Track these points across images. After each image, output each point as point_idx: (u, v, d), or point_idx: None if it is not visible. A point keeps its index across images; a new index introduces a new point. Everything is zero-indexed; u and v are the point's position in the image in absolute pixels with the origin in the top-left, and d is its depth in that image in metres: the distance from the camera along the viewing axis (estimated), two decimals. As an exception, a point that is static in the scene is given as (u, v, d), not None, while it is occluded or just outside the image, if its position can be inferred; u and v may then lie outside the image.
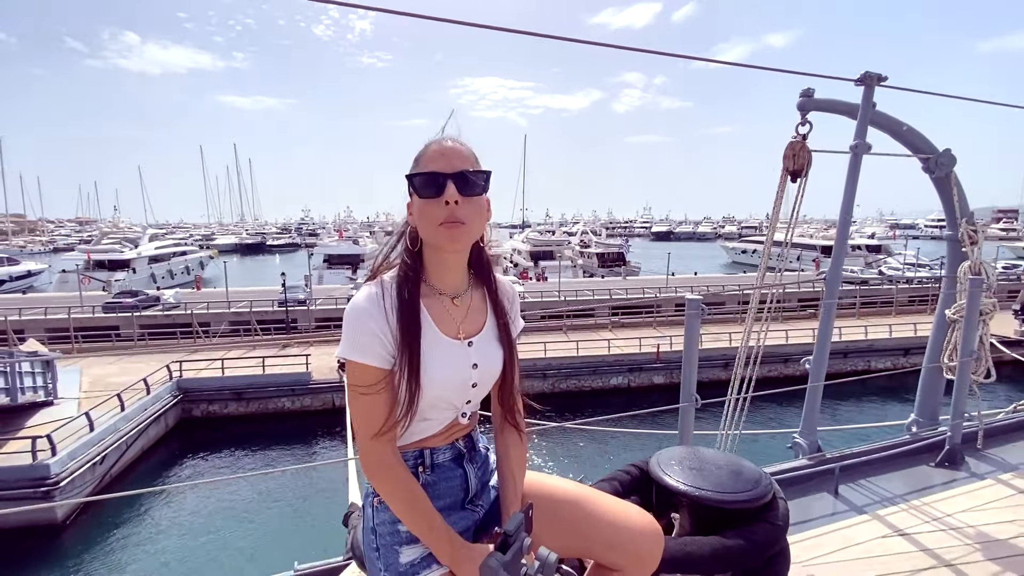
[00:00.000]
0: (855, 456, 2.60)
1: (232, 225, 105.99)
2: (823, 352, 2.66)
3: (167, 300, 25.13)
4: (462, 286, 1.04)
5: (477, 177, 0.95)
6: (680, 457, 1.46)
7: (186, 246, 45.70)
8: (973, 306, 2.63)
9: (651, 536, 1.04)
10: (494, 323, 1.06)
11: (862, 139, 2.62)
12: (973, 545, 2.03)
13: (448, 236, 0.94)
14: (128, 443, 12.39)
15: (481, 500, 1.07)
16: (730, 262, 53.78)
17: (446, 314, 1.00)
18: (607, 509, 1.06)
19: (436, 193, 0.93)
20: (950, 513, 2.25)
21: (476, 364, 1.01)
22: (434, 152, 0.95)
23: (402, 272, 0.99)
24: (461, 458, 1.06)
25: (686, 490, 1.31)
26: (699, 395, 1.97)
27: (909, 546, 2.01)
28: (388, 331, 0.93)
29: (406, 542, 0.97)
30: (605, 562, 1.04)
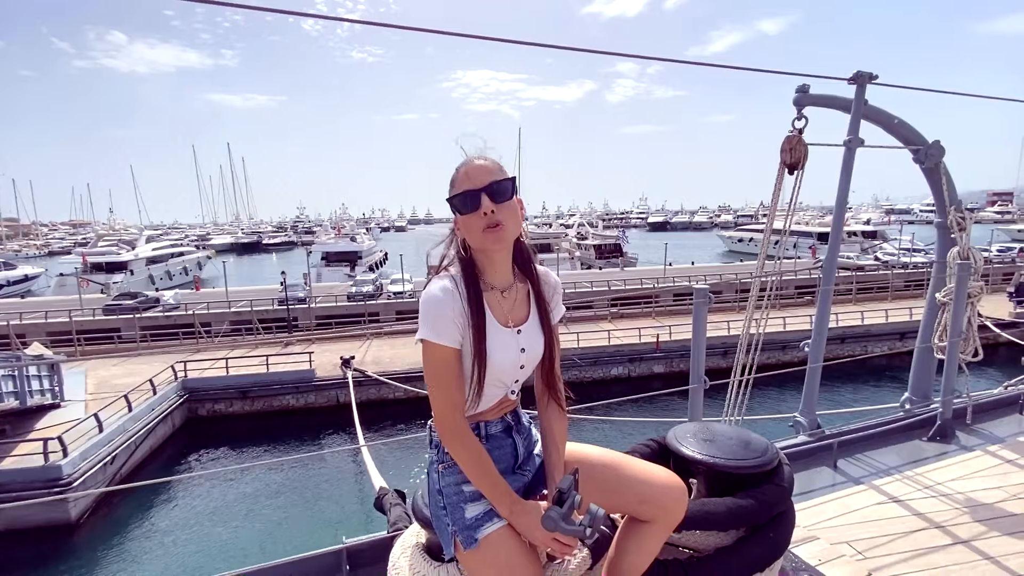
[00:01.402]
0: (852, 432, 2.77)
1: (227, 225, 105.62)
2: (821, 335, 2.82)
3: (167, 301, 25.20)
4: (509, 280, 1.19)
5: (504, 185, 1.11)
6: (694, 431, 1.62)
7: (183, 247, 45.62)
8: (961, 289, 2.79)
9: (677, 491, 1.20)
10: (537, 313, 1.21)
11: (855, 134, 2.77)
12: (962, 509, 2.20)
13: (492, 239, 1.10)
14: (137, 443, 12.54)
15: (528, 466, 1.23)
16: (727, 251, 54.01)
17: (497, 305, 1.16)
18: (638, 469, 1.22)
19: (474, 207, 1.09)
20: (941, 481, 2.43)
21: (524, 349, 1.16)
22: (464, 174, 1.12)
23: (465, 269, 1.14)
24: (510, 429, 1.22)
25: (702, 459, 1.47)
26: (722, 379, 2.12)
27: (902, 511, 2.18)
28: (461, 317, 1.09)
29: (470, 500, 1.12)
30: (638, 516, 1.19)
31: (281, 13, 1.72)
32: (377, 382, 15.62)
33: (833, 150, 3.10)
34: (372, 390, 15.88)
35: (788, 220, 3.25)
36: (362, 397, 14.82)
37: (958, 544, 1.96)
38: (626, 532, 1.22)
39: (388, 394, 15.90)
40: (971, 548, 1.93)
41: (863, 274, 28.65)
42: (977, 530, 2.05)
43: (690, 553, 1.42)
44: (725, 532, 1.41)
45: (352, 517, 10.68)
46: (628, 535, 1.21)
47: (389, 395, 15.91)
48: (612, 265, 36.32)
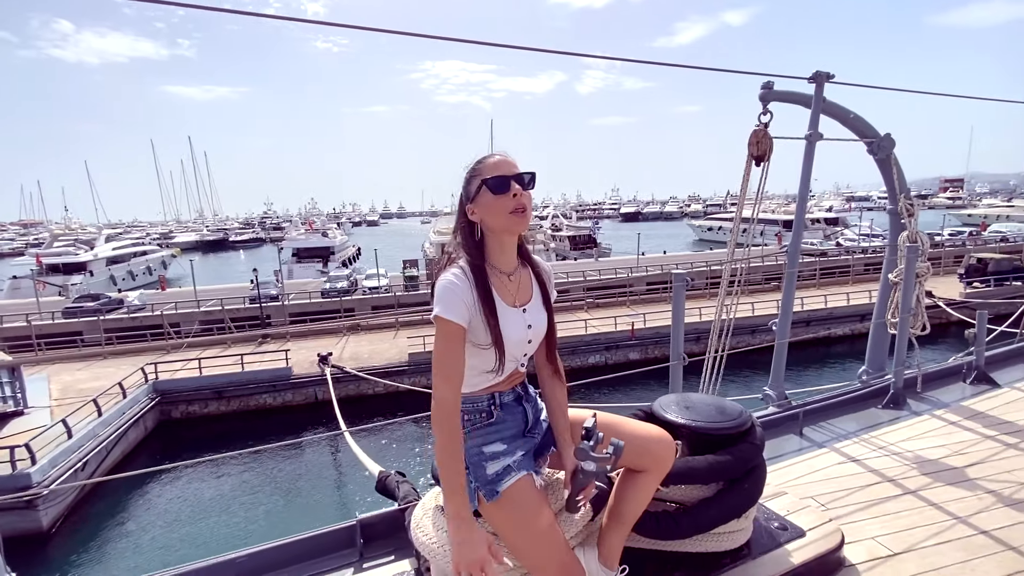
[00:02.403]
0: (816, 402, 3.03)
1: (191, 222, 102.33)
2: (787, 314, 3.05)
3: (132, 302, 24.42)
4: (514, 265, 1.34)
5: (530, 176, 1.26)
6: (676, 400, 1.80)
7: (145, 246, 44.04)
8: (910, 270, 3.06)
9: (667, 442, 1.38)
10: (539, 294, 1.36)
11: (815, 129, 3.00)
12: (910, 465, 2.46)
13: (517, 221, 1.24)
14: (108, 448, 12.23)
15: (536, 430, 1.38)
16: (697, 240, 55.23)
17: (504, 288, 1.30)
18: (634, 426, 1.39)
19: (506, 189, 1.23)
20: (893, 442, 2.69)
21: (530, 325, 1.31)
22: (496, 162, 1.25)
23: (473, 258, 1.28)
24: (520, 399, 1.37)
25: (685, 423, 1.65)
26: (691, 366, 2.32)
27: (859, 469, 2.43)
28: (470, 300, 1.22)
29: (490, 459, 1.27)
30: (634, 466, 1.36)
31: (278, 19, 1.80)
32: (356, 378, 15.56)
33: (797, 142, 3.34)
34: (351, 386, 15.82)
35: (756, 209, 3.48)
36: (341, 393, 14.72)
37: (907, 494, 2.21)
38: (624, 482, 1.39)
39: (367, 389, 15.87)
40: (917, 497, 2.18)
41: (826, 259, 29.84)
42: (923, 482, 2.30)
43: (677, 506, 1.60)
44: (707, 485, 1.59)
45: (346, 504, 10.77)
46: (626, 485, 1.38)
47: (368, 391, 15.88)
48: (587, 256, 36.78)
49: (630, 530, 1.41)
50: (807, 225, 45.27)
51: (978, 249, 28.95)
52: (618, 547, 1.39)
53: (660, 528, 1.52)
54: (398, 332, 19.84)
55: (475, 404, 1.32)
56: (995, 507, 2.07)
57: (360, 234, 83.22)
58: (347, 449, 6.39)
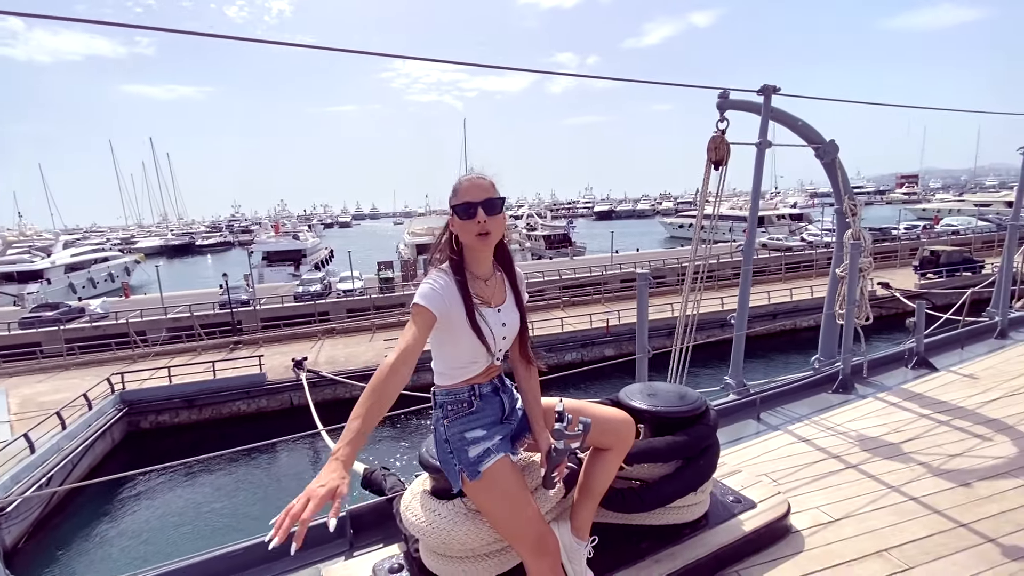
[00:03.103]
0: (772, 389, 3.27)
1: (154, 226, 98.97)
2: (744, 308, 3.29)
3: (94, 311, 23.57)
4: (489, 271, 1.49)
5: (495, 202, 1.40)
6: (640, 389, 1.98)
7: (106, 251, 42.48)
8: (854, 265, 3.33)
9: (628, 423, 1.56)
10: (512, 296, 1.52)
11: (764, 137, 3.23)
12: (854, 443, 2.71)
13: (480, 243, 1.39)
14: (73, 462, 11.87)
15: (512, 418, 1.54)
16: (668, 237, 56.35)
17: (481, 290, 1.45)
18: (598, 409, 1.57)
19: (471, 216, 1.37)
20: (839, 423, 2.94)
21: (504, 323, 1.47)
22: (467, 186, 1.38)
23: (454, 265, 1.43)
24: (497, 390, 1.52)
25: (647, 408, 1.83)
26: (664, 362, 2.49)
27: (809, 448, 2.67)
28: (448, 298, 1.36)
29: (471, 443, 1.41)
30: (600, 445, 1.53)
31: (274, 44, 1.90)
32: (333, 382, 15.42)
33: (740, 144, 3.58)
34: (327, 390, 15.67)
35: (716, 209, 3.71)
36: (317, 398, 14.49)
37: (848, 468, 2.44)
38: (592, 460, 1.56)
39: (344, 393, 15.70)
40: (857, 470, 2.42)
41: (791, 254, 30.84)
42: (863, 457, 2.55)
43: (640, 483, 1.78)
44: (667, 464, 1.78)
45: None
46: (594, 462, 1.55)
47: (345, 394, 15.72)
48: (562, 255, 37.16)
49: (598, 504, 1.57)
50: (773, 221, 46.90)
51: (931, 242, 30.42)
52: (588, 520, 1.56)
53: (626, 503, 1.69)
54: (374, 335, 19.74)
55: (457, 395, 1.46)
56: (924, 477, 2.32)
57: (332, 236, 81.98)
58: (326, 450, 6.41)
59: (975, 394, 3.21)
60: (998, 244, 31.68)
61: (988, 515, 2.02)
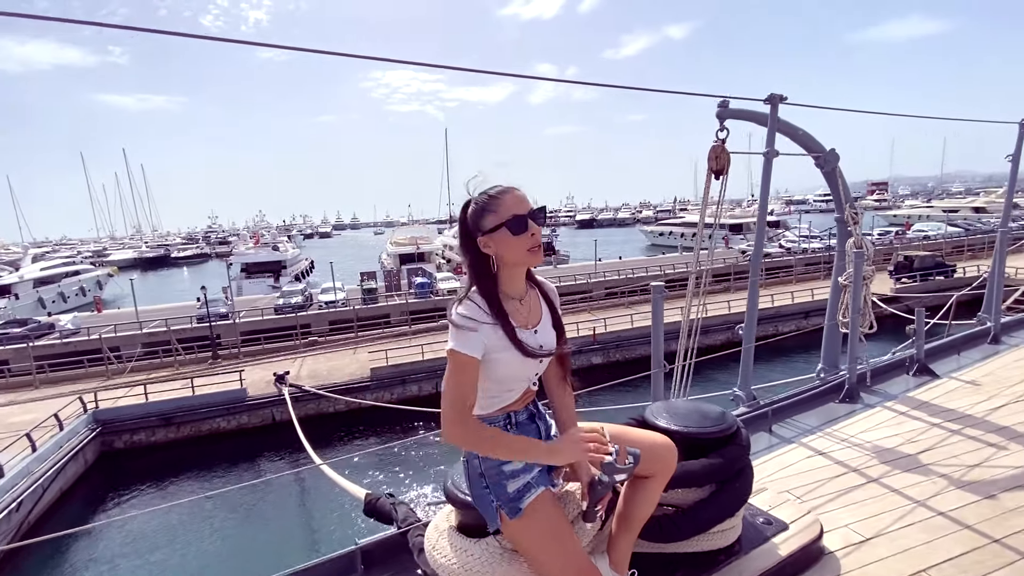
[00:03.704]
0: (782, 401, 3.22)
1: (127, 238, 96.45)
2: (752, 319, 3.25)
3: (64, 326, 22.74)
4: (523, 290, 1.39)
5: (540, 211, 1.31)
6: (666, 408, 1.90)
7: (77, 265, 41.14)
8: (858, 274, 3.32)
9: (671, 449, 1.47)
10: (548, 314, 1.42)
11: (771, 146, 3.21)
12: (870, 454, 2.67)
13: (534, 257, 1.30)
14: (44, 486, 11.33)
15: None
16: (649, 245, 56.93)
17: (517, 312, 1.34)
18: (639, 434, 1.47)
19: (524, 230, 1.27)
20: (852, 435, 2.91)
21: (542, 345, 1.36)
22: (511, 200, 1.28)
23: (486, 290, 1.31)
24: (533, 416, 1.42)
25: (678, 429, 1.74)
26: (648, 367, 2.43)
27: (826, 461, 2.62)
28: (485, 332, 1.26)
29: (510, 477, 1.31)
30: (642, 472, 1.43)
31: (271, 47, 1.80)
32: (316, 396, 15.09)
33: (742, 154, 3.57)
34: (310, 405, 15.32)
35: (717, 218, 3.69)
36: (300, 413, 14.21)
37: (870, 482, 2.39)
38: (632, 489, 1.46)
39: (328, 408, 15.41)
40: (880, 484, 2.37)
41: (769, 260, 31.34)
42: (883, 469, 2.51)
43: (674, 509, 1.69)
44: (701, 488, 1.69)
45: (332, 531, 10.32)
46: (634, 491, 1.45)
47: (328, 408, 15.43)
48: (546, 263, 37.20)
49: (638, 534, 1.48)
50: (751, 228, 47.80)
51: (904, 247, 31.29)
52: (628, 552, 1.46)
53: (663, 531, 1.60)
54: (358, 347, 19.40)
55: (492, 424, 1.36)
56: (948, 490, 2.28)
57: (312, 247, 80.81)
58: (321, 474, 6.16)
59: (981, 401, 3.21)
60: (968, 249, 32.78)
61: (1019, 529, 1.99)
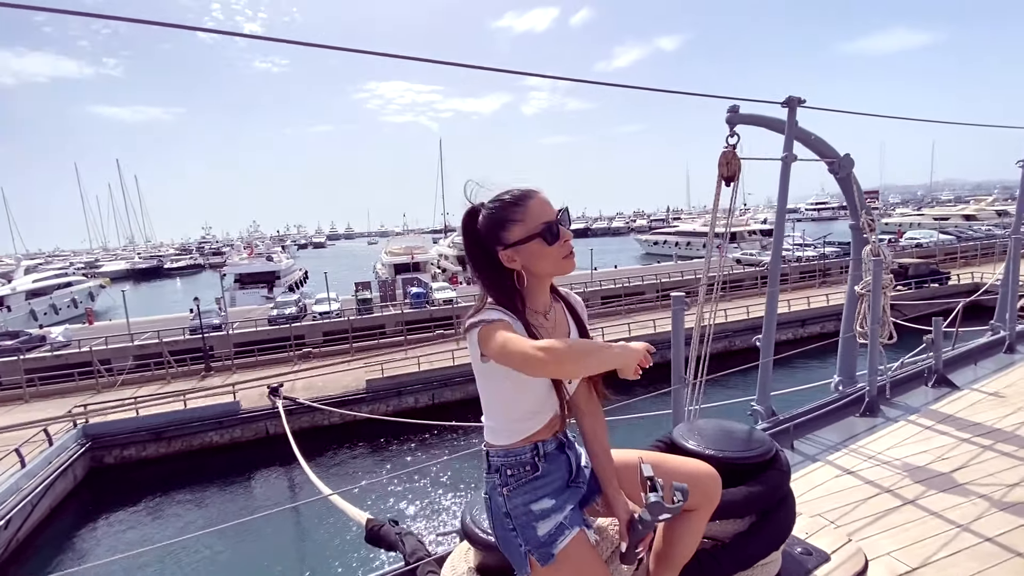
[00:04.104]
0: (801, 416, 3.09)
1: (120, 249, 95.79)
2: (770, 330, 3.12)
3: (56, 339, 22.36)
4: (549, 303, 1.26)
5: (567, 213, 1.18)
6: (696, 429, 1.76)
7: (70, 276, 40.67)
8: (877, 282, 3.21)
9: (716, 479, 1.32)
10: (576, 328, 1.29)
11: (790, 151, 3.11)
12: (901, 473, 2.53)
13: (570, 264, 1.18)
14: (33, 503, 11.01)
15: (580, 478, 1.28)
16: (644, 253, 57.05)
17: (542, 328, 1.21)
18: (679, 463, 1.33)
19: (557, 237, 1.14)
20: (880, 451, 2.77)
21: None
22: (537, 205, 1.15)
23: (512, 305, 1.17)
24: (563, 446, 1.27)
25: (712, 453, 1.60)
26: (651, 376, 2.28)
27: (856, 481, 2.48)
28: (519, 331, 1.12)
29: (540, 518, 1.16)
30: (685, 506, 1.29)
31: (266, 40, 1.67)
32: (310, 409, 14.84)
33: (755, 160, 3.47)
34: (304, 418, 15.06)
35: (728, 226, 3.57)
36: (294, 426, 13.96)
37: (906, 504, 2.26)
38: (673, 524, 1.31)
39: (322, 420, 15.16)
40: (917, 506, 2.23)
41: (764, 269, 31.47)
42: (918, 490, 2.37)
43: (712, 543, 1.54)
44: (741, 519, 1.55)
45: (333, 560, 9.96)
46: (676, 525, 1.30)
47: (323, 421, 15.18)
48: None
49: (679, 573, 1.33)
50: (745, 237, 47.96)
51: (898, 255, 31.44)
52: None
53: (703, 568, 1.45)
54: (353, 358, 19.15)
55: (518, 457, 1.21)
56: (991, 512, 2.15)
57: (307, 257, 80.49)
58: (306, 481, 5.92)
59: (1008, 414, 3.09)
60: (960, 256, 32.98)
61: (1075, 557, 1.85)
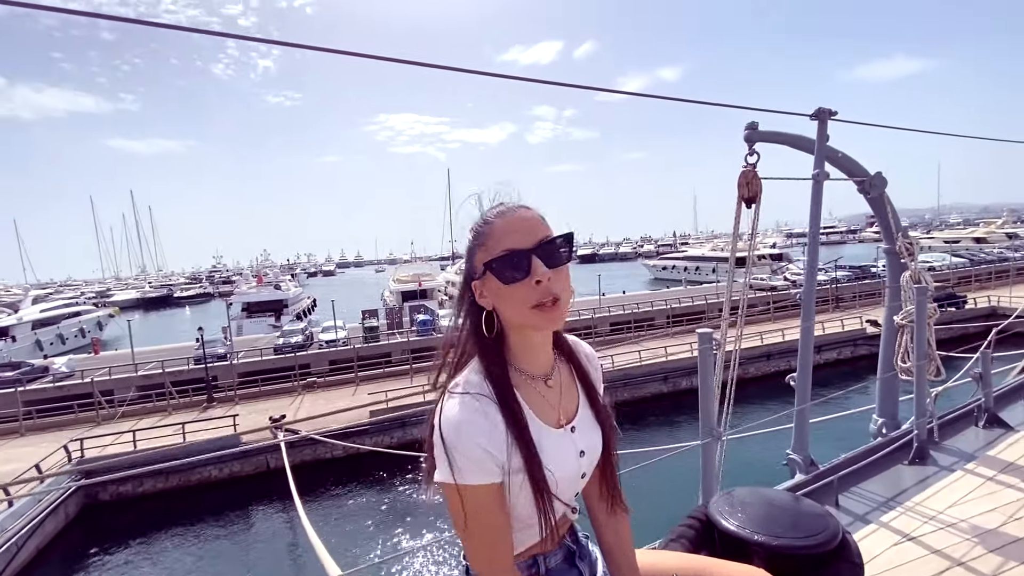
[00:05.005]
0: (845, 466, 2.72)
1: (132, 279, 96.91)
2: (806, 373, 2.78)
3: (58, 369, 22.23)
4: (550, 364, 0.92)
5: (558, 244, 0.83)
6: (739, 503, 1.42)
7: (79, 306, 40.91)
8: (922, 312, 2.88)
9: None
10: (586, 399, 0.95)
11: (821, 168, 2.83)
12: (972, 540, 2.15)
13: (545, 319, 0.82)
14: (19, 544, 10.60)
15: None
16: (652, 279, 56.67)
17: (542, 400, 0.88)
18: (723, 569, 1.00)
19: (522, 274, 0.80)
20: (940, 511, 2.39)
21: (583, 452, 0.90)
22: (505, 226, 0.83)
23: (487, 366, 0.85)
24: (572, 556, 0.95)
25: (764, 540, 1.27)
26: (661, 407, 1.95)
27: (921, 550, 2.10)
28: (497, 440, 0.80)
29: None
30: None
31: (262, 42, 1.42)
32: (312, 441, 14.41)
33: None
34: (307, 451, 14.65)
35: (752, 249, 3.27)
36: (296, 460, 13.57)
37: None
38: None
39: (325, 453, 14.73)
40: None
41: (776, 293, 30.94)
42: (995, 562, 1.99)
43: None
44: (804, 630, 1.20)
45: None
46: None
47: (326, 454, 14.74)
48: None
49: None
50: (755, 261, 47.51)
51: (912, 278, 30.81)
52: None
53: None
54: (358, 388, 18.80)
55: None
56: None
57: (316, 285, 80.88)
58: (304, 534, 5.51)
59: (1080, 462, 2.71)
60: (975, 279, 32.32)
61: None
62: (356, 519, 12.20)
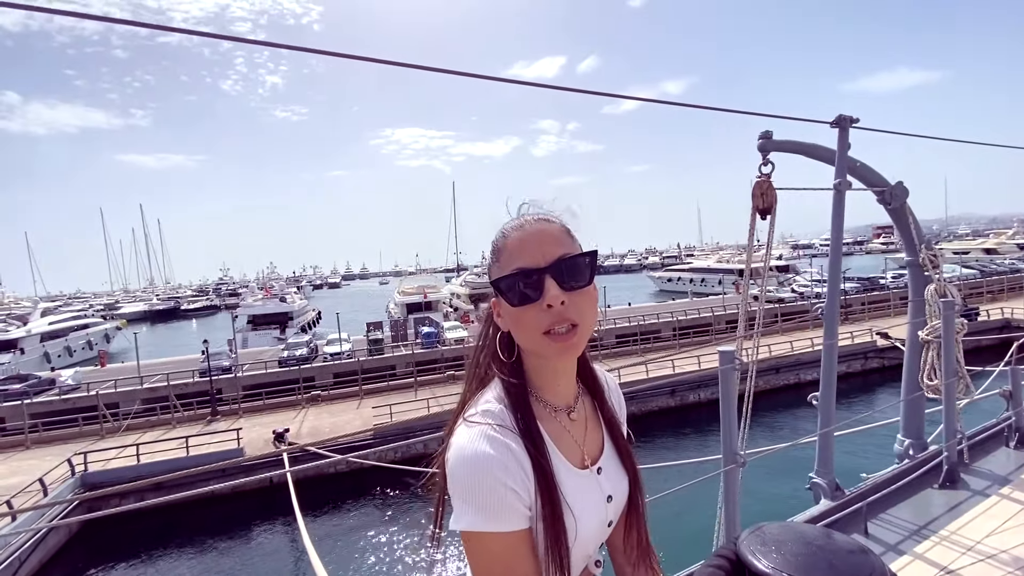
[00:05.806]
0: (872, 491, 2.57)
1: (140, 291, 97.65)
2: (829, 392, 2.65)
3: (65, 382, 22.27)
4: (573, 395, 0.82)
5: (579, 262, 0.73)
6: (772, 541, 1.30)
7: (87, 318, 41.15)
8: (949, 328, 2.75)
9: None
10: (610, 436, 0.85)
11: (843, 177, 2.73)
12: (1010, 569, 2.00)
13: (558, 348, 0.72)
14: (21, 559, 10.49)
15: None
16: (658, 291, 56.40)
17: (566, 435, 0.78)
18: None
19: (533, 296, 0.71)
20: (976, 540, 2.24)
21: (610, 496, 0.79)
22: (518, 241, 0.74)
23: (509, 394, 0.75)
24: None
25: (803, 587, 1.14)
26: (672, 420, 1.83)
27: (962, 587, 1.96)
28: (523, 479, 0.69)
29: None
30: None
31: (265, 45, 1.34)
32: (316, 455, 14.25)
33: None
34: (310, 465, 14.48)
35: (767, 261, 3.16)
36: (299, 474, 13.42)
37: (1038, 625, 1.74)
38: None
39: (328, 468, 14.55)
40: None
41: (784, 305, 30.66)
42: (1045, 601, 1.85)
43: None
44: None
45: None
46: None
47: (330, 469, 14.57)
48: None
49: None
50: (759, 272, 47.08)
51: (923, 290, 30.43)
52: None
53: None
54: (362, 401, 18.66)
55: None
56: None
57: (321, 297, 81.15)
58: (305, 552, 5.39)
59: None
60: (987, 291, 31.89)
61: None
62: (358, 534, 12.01)
